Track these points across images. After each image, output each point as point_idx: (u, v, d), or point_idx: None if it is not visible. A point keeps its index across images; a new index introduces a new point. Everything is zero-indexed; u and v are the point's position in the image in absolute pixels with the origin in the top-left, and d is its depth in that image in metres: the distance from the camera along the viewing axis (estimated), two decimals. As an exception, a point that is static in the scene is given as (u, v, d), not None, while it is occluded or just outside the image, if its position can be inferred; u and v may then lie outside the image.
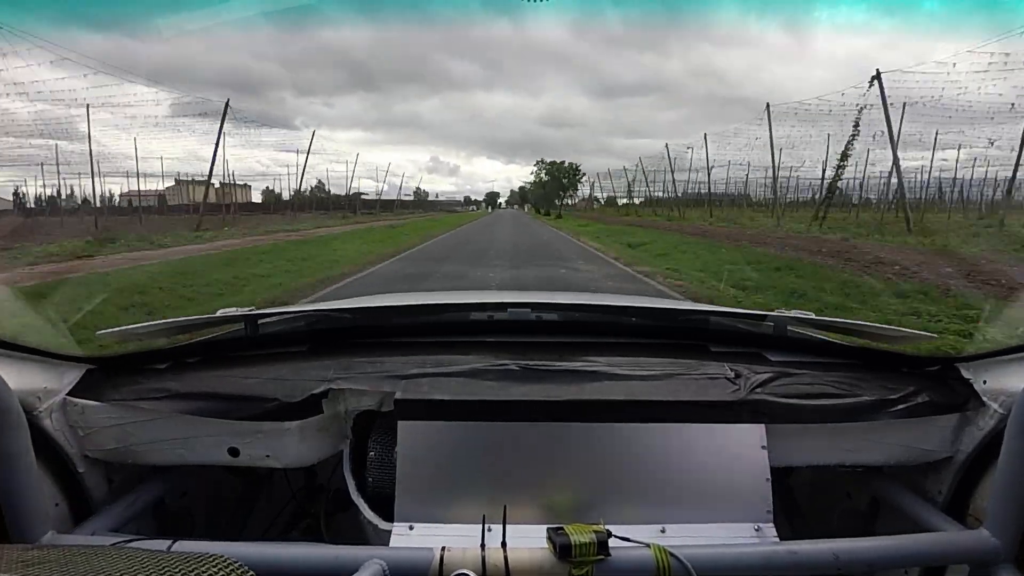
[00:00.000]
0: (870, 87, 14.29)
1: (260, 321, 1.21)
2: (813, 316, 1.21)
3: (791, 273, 8.80)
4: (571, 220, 38.09)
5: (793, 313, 1.21)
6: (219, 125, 19.01)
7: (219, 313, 1.22)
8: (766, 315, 1.25)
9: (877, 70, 14.06)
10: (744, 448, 0.93)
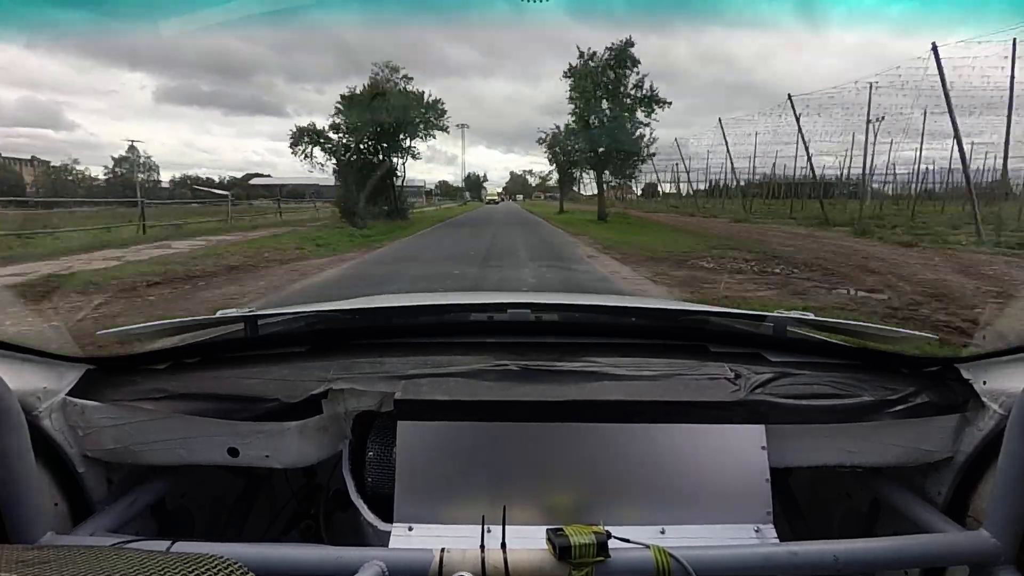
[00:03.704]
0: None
1: (260, 322, 1.21)
2: (813, 316, 1.22)
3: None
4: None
5: (793, 313, 1.21)
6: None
7: (219, 314, 1.22)
8: (766, 315, 1.25)
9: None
10: (744, 449, 0.93)
